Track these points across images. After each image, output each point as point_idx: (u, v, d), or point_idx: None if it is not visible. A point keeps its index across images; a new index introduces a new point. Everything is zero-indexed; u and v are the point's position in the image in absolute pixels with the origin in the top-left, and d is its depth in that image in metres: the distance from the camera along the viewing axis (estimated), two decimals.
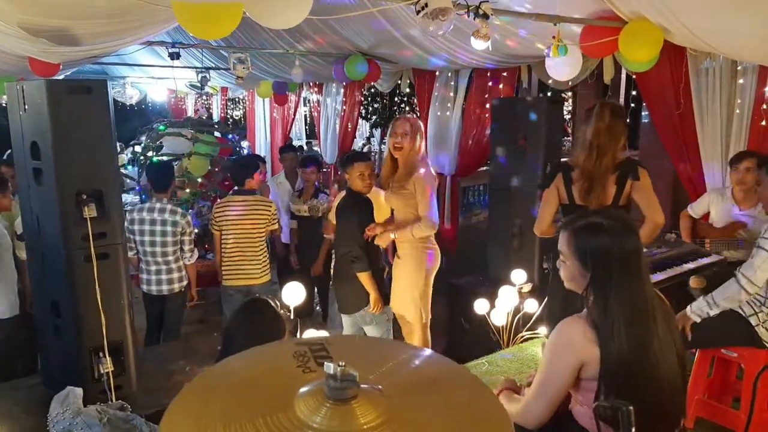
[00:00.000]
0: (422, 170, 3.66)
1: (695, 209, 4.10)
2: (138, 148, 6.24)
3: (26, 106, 2.95)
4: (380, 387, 0.92)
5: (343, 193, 4.15)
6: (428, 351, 1.08)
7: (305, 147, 12.52)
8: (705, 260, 3.85)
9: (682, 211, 4.17)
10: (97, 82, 2.98)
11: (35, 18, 2.86)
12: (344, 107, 8.26)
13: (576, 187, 2.94)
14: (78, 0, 2.63)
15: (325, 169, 8.08)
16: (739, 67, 4.23)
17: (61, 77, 5.39)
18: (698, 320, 2.91)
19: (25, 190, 3.14)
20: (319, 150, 9.27)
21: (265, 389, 0.93)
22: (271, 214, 4.39)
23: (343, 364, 0.87)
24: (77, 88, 2.89)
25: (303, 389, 0.90)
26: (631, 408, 1.34)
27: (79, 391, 2.66)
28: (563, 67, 4.04)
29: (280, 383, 0.93)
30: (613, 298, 1.66)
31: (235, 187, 4.50)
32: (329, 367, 0.87)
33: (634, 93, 6.64)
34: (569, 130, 13.69)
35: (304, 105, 10.57)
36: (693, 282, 3.50)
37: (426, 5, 3.16)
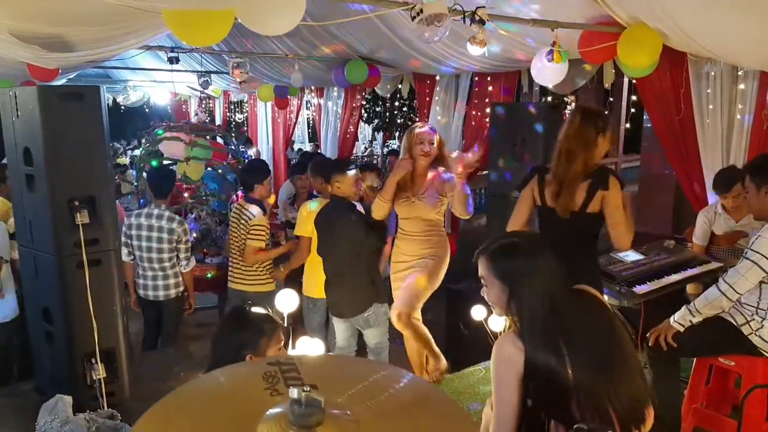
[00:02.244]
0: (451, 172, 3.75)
1: (698, 237, 4.08)
2: (137, 152, 6.24)
3: (19, 113, 2.94)
4: (348, 412, 0.89)
5: (315, 202, 4.12)
6: (406, 373, 1.06)
7: (309, 149, 12.52)
8: (703, 268, 3.81)
9: (694, 246, 4.14)
10: (90, 89, 2.97)
11: (26, 25, 2.85)
12: (345, 111, 8.26)
13: (548, 190, 2.94)
14: (68, 7, 2.62)
15: None
16: (740, 72, 4.18)
17: (63, 81, 5.41)
18: (681, 329, 2.88)
19: (18, 195, 3.13)
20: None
21: (231, 413, 0.90)
22: (248, 227, 4.15)
23: (308, 389, 0.84)
24: (69, 94, 2.89)
25: (268, 414, 0.87)
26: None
27: (69, 399, 2.64)
28: (552, 73, 4.02)
29: (247, 407, 0.90)
30: (528, 309, 1.77)
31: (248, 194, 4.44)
32: (294, 392, 0.84)
33: (635, 98, 6.60)
34: None
35: (306, 108, 10.58)
36: (690, 289, 3.47)
37: (421, 11, 3.15)
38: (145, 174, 5.55)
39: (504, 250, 1.87)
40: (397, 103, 12.03)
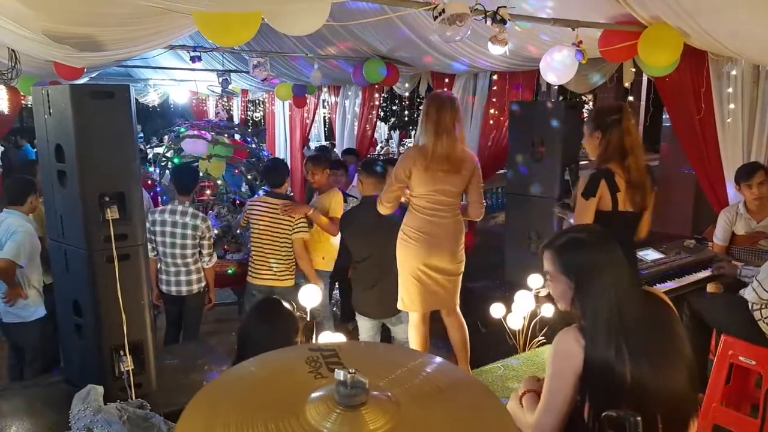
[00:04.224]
0: None
1: (719, 237, 4.10)
2: (159, 150, 6.35)
3: (51, 110, 3.02)
4: (390, 394, 0.94)
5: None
6: (438, 359, 1.10)
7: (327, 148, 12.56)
8: None
9: (714, 246, 4.17)
10: (120, 87, 3.03)
11: (59, 25, 2.92)
12: (363, 110, 8.30)
13: (621, 194, 2.89)
14: (100, 7, 2.70)
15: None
16: (761, 71, 4.18)
17: (85, 79, 5.51)
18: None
19: (49, 191, 3.21)
20: (337, 153, 9.31)
21: (278, 394, 0.95)
22: (294, 221, 4.28)
23: (354, 371, 0.89)
24: (100, 92, 2.95)
25: (314, 395, 0.92)
26: (639, 419, 1.34)
27: (100, 389, 2.72)
28: (562, 69, 4.06)
29: (292, 389, 0.95)
30: (593, 306, 1.74)
31: (265, 188, 4.54)
32: (339, 374, 0.89)
33: (653, 96, 6.59)
34: None
35: (323, 107, 10.65)
36: (710, 288, 3.49)
37: (443, 11, 3.19)
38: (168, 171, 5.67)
39: (571, 245, 1.83)
40: (416, 102, 12.06)
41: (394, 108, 12.84)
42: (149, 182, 6.58)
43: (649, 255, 3.86)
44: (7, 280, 3.65)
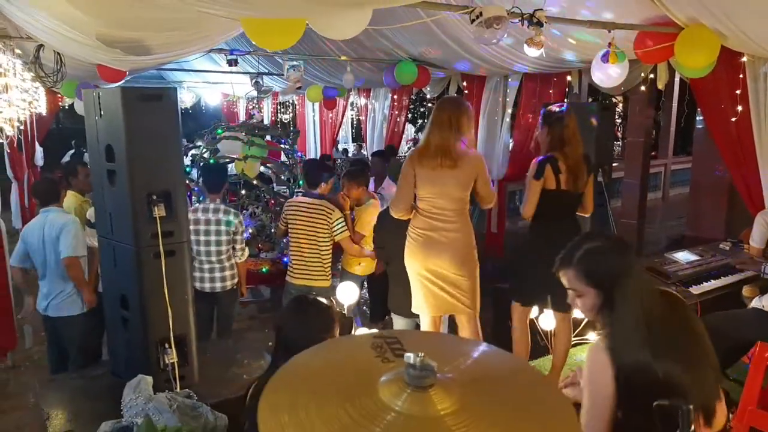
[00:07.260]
0: None
1: (756, 240, 4.09)
2: (195, 151, 6.49)
3: (102, 112, 3.14)
4: (453, 377, 1.00)
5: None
6: (494, 348, 1.16)
7: (353, 149, 12.68)
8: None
9: (750, 248, 4.14)
10: (167, 90, 3.14)
11: (113, 30, 3.04)
12: (393, 111, 8.39)
13: (563, 176, 3.43)
14: (154, 13, 2.81)
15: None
16: None
17: (121, 82, 5.68)
18: None
19: (99, 190, 3.33)
20: (366, 153, 9.42)
21: (349, 376, 1.02)
22: (330, 222, 4.34)
23: (423, 354, 0.95)
24: (149, 95, 3.07)
25: (385, 377, 0.99)
26: (691, 407, 1.37)
27: (150, 379, 2.83)
28: (613, 74, 4.06)
29: (362, 371, 1.02)
30: (621, 312, 1.71)
31: (299, 191, 4.64)
32: (409, 357, 0.96)
33: (687, 98, 6.53)
34: (619, 135, 13.51)
35: (351, 109, 10.76)
36: (746, 291, 3.48)
37: (480, 14, 3.24)
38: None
39: (593, 254, 1.79)
40: None
41: (422, 110, 12.88)
42: (189, 183, 6.75)
43: (685, 257, 3.86)
44: (77, 277, 3.79)
